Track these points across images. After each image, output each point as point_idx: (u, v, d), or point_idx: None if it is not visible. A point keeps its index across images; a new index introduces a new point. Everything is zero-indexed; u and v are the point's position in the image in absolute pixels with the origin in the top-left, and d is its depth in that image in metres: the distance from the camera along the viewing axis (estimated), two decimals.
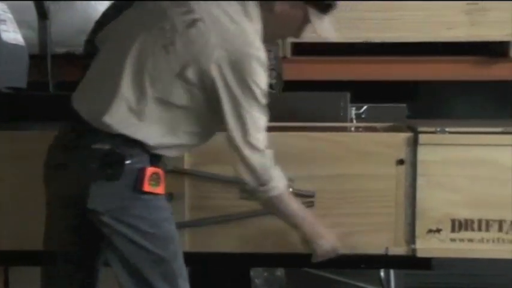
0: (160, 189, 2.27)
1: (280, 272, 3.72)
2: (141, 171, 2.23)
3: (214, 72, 2.21)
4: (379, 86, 4.02)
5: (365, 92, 3.32)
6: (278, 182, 2.35)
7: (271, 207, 2.42)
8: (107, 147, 2.22)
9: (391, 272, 3.47)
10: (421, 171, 2.65)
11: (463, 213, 2.67)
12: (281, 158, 2.60)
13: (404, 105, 3.44)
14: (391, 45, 4.14)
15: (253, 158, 2.28)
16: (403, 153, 2.65)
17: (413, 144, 2.65)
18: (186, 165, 2.65)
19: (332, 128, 2.99)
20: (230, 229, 2.67)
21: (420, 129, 2.68)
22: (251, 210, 2.63)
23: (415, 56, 4.16)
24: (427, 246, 2.67)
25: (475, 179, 2.67)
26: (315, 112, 3.07)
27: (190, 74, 2.22)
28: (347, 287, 3.78)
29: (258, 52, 2.24)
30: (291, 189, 2.61)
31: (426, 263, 2.70)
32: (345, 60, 4.14)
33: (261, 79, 2.25)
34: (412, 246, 2.67)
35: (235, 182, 2.60)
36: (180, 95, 2.24)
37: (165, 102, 2.24)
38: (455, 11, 4.03)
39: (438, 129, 2.70)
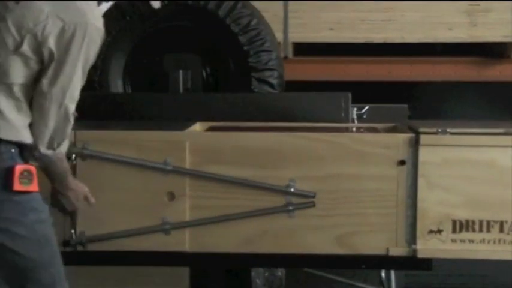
0: (33, 187, 2.18)
1: (280, 272, 3.72)
2: (9, 170, 2.15)
3: (51, 42, 2.17)
4: (380, 87, 4.02)
5: (366, 92, 3.33)
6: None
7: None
8: None
9: (392, 272, 3.46)
10: (422, 172, 2.65)
11: (463, 214, 2.67)
12: (282, 159, 2.61)
13: (406, 105, 3.44)
14: (392, 46, 4.14)
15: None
16: (404, 154, 2.65)
17: (415, 145, 2.65)
18: (188, 165, 2.64)
19: (333, 128, 2.98)
20: (231, 229, 2.67)
21: (421, 130, 2.68)
22: (252, 210, 2.63)
23: (416, 56, 4.16)
24: (427, 247, 2.67)
25: (476, 180, 2.66)
26: (316, 112, 3.07)
27: (26, 47, 2.17)
28: (348, 287, 3.79)
29: (94, 21, 2.22)
30: (292, 190, 2.62)
31: (427, 264, 2.70)
32: (346, 60, 4.15)
33: (90, 49, 2.23)
34: (413, 246, 2.67)
35: (237, 182, 2.61)
36: (18, 73, 2.19)
37: (5, 84, 2.18)
38: (456, 12, 4.04)
39: (439, 130, 2.69)
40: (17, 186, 2.15)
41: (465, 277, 4.09)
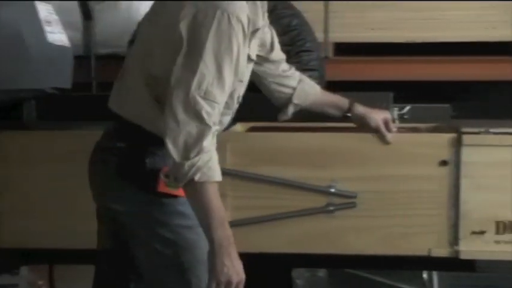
0: (180, 191, 2.11)
1: (322, 272, 3.72)
2: (158, 171, 2.12)
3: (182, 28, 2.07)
4: (422, 86, 3.99)
5: (408, 92, 3.30)
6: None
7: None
8: (124, 144, 2.16)
9: (434, 273, 3.44)
10: (464, 173, 2.63)
11: (507, 215, 2.65)
12: (324, 159, 2.61)
13: (448, 105, 3.41)
14: (434, 45, 4.11)
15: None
16: (446, 154, 2.63)
17: (457, 145, 2.63)
18: (228, 165, 2.65)
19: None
20: (272, 230, 2.67)
21: (464, 129, 2.66)
22: (294, 210, 2.63)
23: (459, 55, 4.13)
24: (470, 248, 2.65)
25: None
26: None
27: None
28: None
29: (230, 10, 2.06)
30: (333, 190, 2.62)
31: (470, 265, 2.68)
32: (387, 60, 4.12)
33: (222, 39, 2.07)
34: (456, 247, 2.65)
35: (277, 183, 2.61)
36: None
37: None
38: (499, 10, 3.99)
39: (482, 129, 2.67)
40: (162, 187, 2.11)
41: (509, 280, 4.04)
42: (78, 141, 2.67)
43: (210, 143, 2.05)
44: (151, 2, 2.33)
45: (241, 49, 2.09)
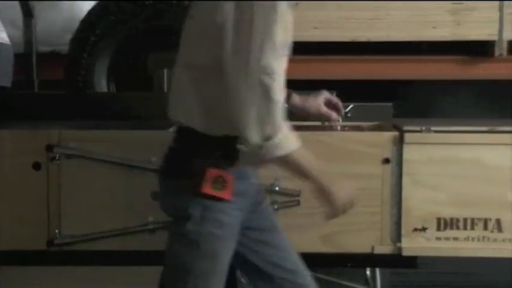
0: (223, 194, 2.06)
1: None
2: (204, 172, 2.06)
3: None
4: (365, 85, 4.03)
5: (351, 91, 3.33)
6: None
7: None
8: (174, 145, 2.15)
9: (377, 270, 3.47)
10: (406, 170, 2.66)
11: (448, 212, 2.68)
12: None
13: (390, 104, 3.45)
14: (377, 45, 4.15)
15: None
16: (388, 152, 2.65)
17: (399, 143, 2.66)
18: (154, 165, 2.63)
19: (318, 127, 2.99)
20: None
21: (406, 128, 2.69)
22: None
23: (401, 55, 4.17)
24: (412, 245, 2.68)
25: (460, 178, 2.68)
26: None
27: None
28: (333, 285, 3.78)
29: None
30: (277, 188, 2.62)
31: (412, 262, 2.71)
32: (330, 59, 4.15)
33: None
34: (398, 244, 2.68)
35: None
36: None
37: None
38: (440, 11, 4.04)
39: (423, 128, 2.70)
40: (207, 188, 2.06)
41: (450, 275, 4.10)
42: (19, 140, 2.63)
43: (281, 117, 2.03)
44: (94, 2, 2.31)
45: (287, 17, 2.05)
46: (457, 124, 2.81)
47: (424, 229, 2.69)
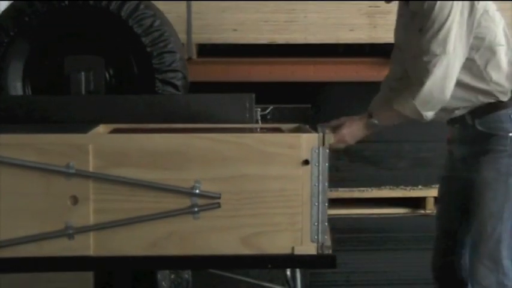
0: None
1: (187, 274, 3.71)
2: None
3: None
4: (284, 87, 4.06)
5: (270, 93, 3.35)
6: None
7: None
8: None
9: (297, 271, 3.50)
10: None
11: None
12: (186, 160, 2.60)
13: (309, 106, 3.49)
14: (296, 47, 4.19)
15: None
16: (308, 153, 2.68)
17: (318, 144, 2.69)
18: (91, 168, 2.61)
19: (237, 129, 3.00)
20: (135, 232, 2.64)
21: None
22: (157, 212, 2.61)
23: (318, 57, 4.22)
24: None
25: None
26: (220, 113, 3.08)
27: None
28: (254, 287, 3.80)
29: None
30: (197, 191, 2.62)
31: (331, 262, 2.74)
32: (249, 61, 4.17)
33: None
34: (318, 245, 2.70)
35: (141, 185, 2.59)
36: None
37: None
38: (357, 13, 4.11)
39: None
40: None
41: (369, 274, 4.17)
42: None
43: None
44: (7, 3, 2.27)
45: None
46: None
47: None
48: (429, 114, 2.88)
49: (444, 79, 2.84)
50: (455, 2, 2.85)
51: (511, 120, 2.92)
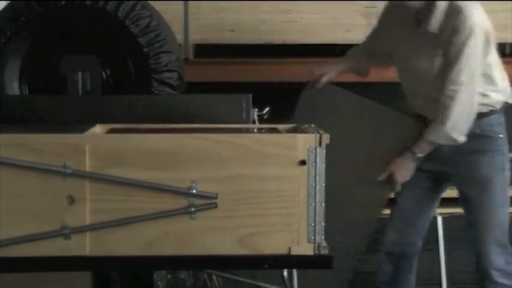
0: None
1: (184, 274, 3.71)
2: None
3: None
4: (282, 88, 4.06)
5: (267, 93, 3.35)
6: None
7: None
8: None
9: (294, 271, 3.50)
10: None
11: None
12: (183, 160, 2.60)
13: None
14: (293, 47, 4.19)
15: None
16: (304, 154, 2.67)
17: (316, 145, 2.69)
18: (88, 168, 2.61)
19: (234, 129, 2.99)
20: (132, 232, 2.64)
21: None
22: (153, 212, 2.61)
23: (315, 57, 4.22)
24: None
25: None
26: (217, 114, 3.08)
27: None
28: (250, 287, 3.81)
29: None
30: (194, 191, 2.62)
31: (328, 262, 2.74)
32: (246, 62, 4.17)
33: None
34: (315, 245, 2.70)
35: (137, 185, 2.59)
36: None
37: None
38: (354, 14, 4.11)
39: None
40: None
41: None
42: None
43: None
44: (4, 3, 2.27)
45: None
46: None
47: None
48: (461, 138, 3.16)
49: (470, 106, 3.15)
50: (479, 35, 3.11)
51: (499, 124, 3.27)
